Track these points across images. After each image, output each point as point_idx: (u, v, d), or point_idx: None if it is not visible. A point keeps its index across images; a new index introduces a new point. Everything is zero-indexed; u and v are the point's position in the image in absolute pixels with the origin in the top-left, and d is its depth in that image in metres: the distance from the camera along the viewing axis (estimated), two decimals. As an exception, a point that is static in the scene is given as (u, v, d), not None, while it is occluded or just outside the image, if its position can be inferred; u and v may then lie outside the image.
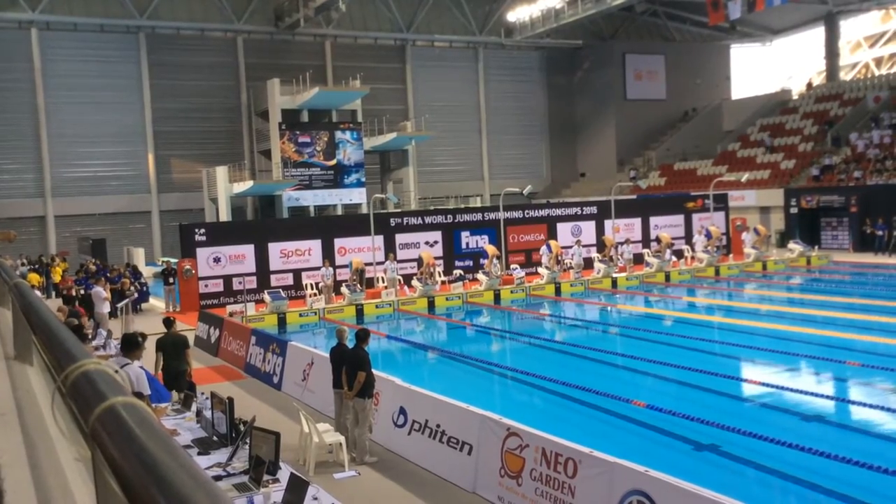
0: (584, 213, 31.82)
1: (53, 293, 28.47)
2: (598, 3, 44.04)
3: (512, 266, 27.39)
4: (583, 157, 56.82)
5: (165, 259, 34.26)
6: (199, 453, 7.77)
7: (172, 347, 11.55)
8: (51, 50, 41.01)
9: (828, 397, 12.69)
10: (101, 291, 19.39)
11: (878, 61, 67.11)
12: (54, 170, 41.19)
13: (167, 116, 43.54)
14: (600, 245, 29.89)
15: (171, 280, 25.68)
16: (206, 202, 42.67)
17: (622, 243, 28.92)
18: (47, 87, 40.80)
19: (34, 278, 25.72)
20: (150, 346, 10.32)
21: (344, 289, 23.50)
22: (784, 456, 9.39)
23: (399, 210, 36.25)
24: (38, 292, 18.49)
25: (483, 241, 28.96)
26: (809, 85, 52.59)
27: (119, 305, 20.34)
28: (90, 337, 13.73)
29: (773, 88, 54.76)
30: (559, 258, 26.87)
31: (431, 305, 23.51)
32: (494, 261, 25.76)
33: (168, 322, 12.14)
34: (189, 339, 12.70)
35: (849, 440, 10.48)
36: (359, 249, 26.78)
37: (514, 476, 8.30)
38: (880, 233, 31.62)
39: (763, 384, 13.18)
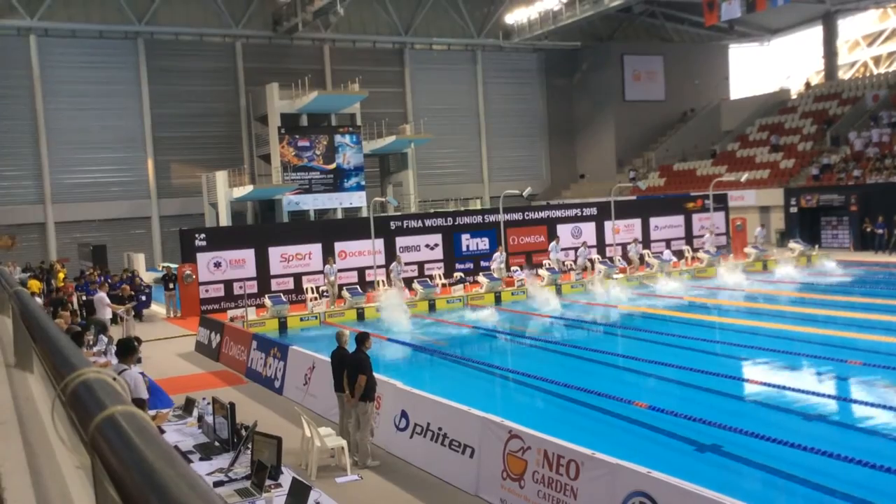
0: (584, 214, 31.83)
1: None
2: (596, 4, 44.07)
3: (512, 268, 27.40)
4: (582, 159, 56.84)
5: (166, 264, 34.26)
6: (200, 459, 7.77)
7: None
8: (49, 56, 41.04)
9: (829, 396, 12.68)
10: (104, 297, 19.38)
11: (877, 60, 67.19)
12: (54, 176, 41.20)
13: (166, 122, 43.58)
14: (601, 246, 30.04)
15: (171, 286, 25.69)
16: (205, 207, 42.68)
17: (629, 243, 29.10)
18: (46, 94, 40.83)
19: (35, 285, 25.70)
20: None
21: (345, 292, 23.51)
22: (786, 456, 9.38)
23: (399, 213, 36.27)
24: (38, 299, 18.49)
25: (483, 244, 29.00)
26: (808, 84, 52.64)
27: (120, 312, 20.32)
28: (91, 343, 13.74)
29: (772, 88, 54.80)
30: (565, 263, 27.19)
31: (432, 308, 23.51)
32: (500, 262, 25.86)
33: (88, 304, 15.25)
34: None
35: (851, 439, 10.47)
36: (359, 253, 26.82)
37: (517, 478, 8.30)
38: (880, 231, 31.63)
39: (764, 384, 13.17)
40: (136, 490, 1.11)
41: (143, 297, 26.20)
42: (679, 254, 30.49)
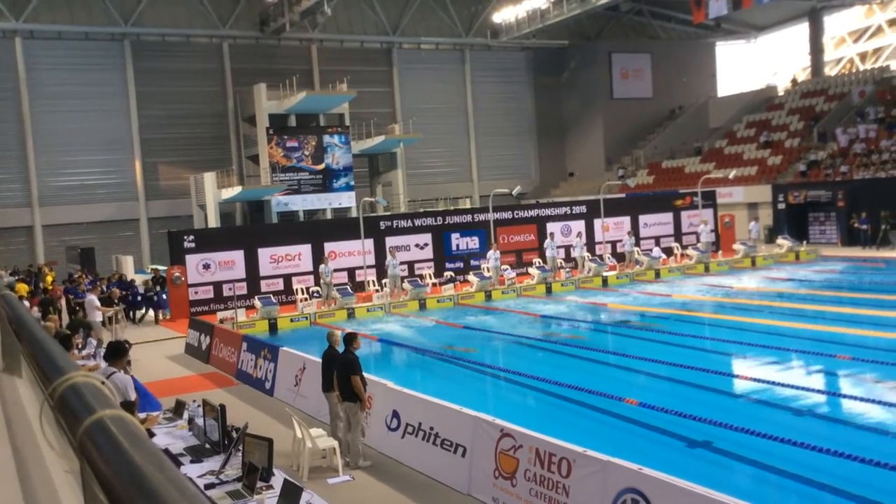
0: (573, 212, 31.89)
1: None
2: (583, 2, 44.12)
3: (503, 266, 27.43)
4: (571, 157, 56.94)
5: (154, 267, 34.13)
6: (191, 461, 7.73)
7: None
8: (35, 59, 40.80)
9: (819, 391, 12.74)
10: (94, 300, 19.20)
11: (863, 56, 67.57)
12: (41, 179, 40.97)
13: (154, 123, 43.38)
14: (590, 244, 30.12)
15: (158, 288, 25.56)
16: (194, 209, 42.52)
17: (618, 241, 29.32)
18: (32, 96, 40.59)
19: (22, 288, 25.56)
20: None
21: (335, 292, 23.48)
22: (777, 451, 9.42)
23: (388, 213, 36.23)
24: (26, 302, 18.36)
25: (473, 243, 29.05)
26: (794, 81, 52.84)
27: (108, 314, 20.20)
28: (80, 346, 13.65)
29: (759, 85, 55.04)
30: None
31: (423, 307, 23.52)
32: (495, 260, 25.91)
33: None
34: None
35: (841, 434, 10.53)
36: (349, 253, 26.79)
37: (509, 477, 8.30)
38: (864, 227, 31.76)
39: (755, 379, 13.23)
40: (125, 494, 1.10)
41: (165, 296, 25.57)
42: (668, 251, 30.59)
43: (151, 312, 25.63)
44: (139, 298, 25.67)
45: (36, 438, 2.66)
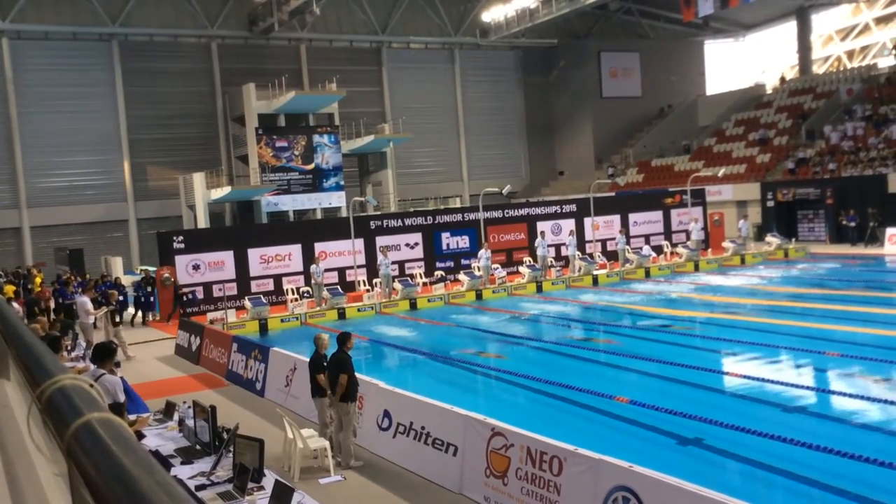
0: (563, 211, 31.95)
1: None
2: (572, 1, 44.22)
3: (493, 266, 27.45)
4: (561, 156, 57.03)
5: (144, 268, 33.99)
6: (182, 463, 7.71)
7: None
8: (22, 59, 40.56)
9: (809, 388, 12.80)
10: (87, 302, 19.05)
11: (850, 54, 67.96)
12: (29, 180, 40.74)
13: (142, 124, 43.21)
14: (581, 243, 30.17)
15: (149, 289, 25.46)
16: (183, 209, 42.38)
17: (609, 239, 29.47)
18: (20, 97, 40.35)
19: (10, 290, 25.39)
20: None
21: (326, 293, 23.44)
22: (767, 448, 9.46)
23: (379, 213, 36.21)
24: (15, 304, 18.25)
25: (464, 242, 29.07)
26: (783, 79, 53.10)
27: (97, 314, 20.07)
28: (69, 348, 13.59)
29: (747, 83, 55.27)
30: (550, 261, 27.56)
31: (413, 307, 23.51)
32: (486, 259, 25.93)
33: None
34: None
35: (830, 430, 10.57)
36: (339, 253, 26.75)
37: (500, 476, 8.31)
38: (852, 224, 31.92)
39: (745, 377, 13.28)
40: (114, 497, 1.09)
41: (187, 297, 25.14)
42: (658, 249, 30.69)
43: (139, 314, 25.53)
44: (144, 300, 25.51)
45: (24, 441, 2.64)
